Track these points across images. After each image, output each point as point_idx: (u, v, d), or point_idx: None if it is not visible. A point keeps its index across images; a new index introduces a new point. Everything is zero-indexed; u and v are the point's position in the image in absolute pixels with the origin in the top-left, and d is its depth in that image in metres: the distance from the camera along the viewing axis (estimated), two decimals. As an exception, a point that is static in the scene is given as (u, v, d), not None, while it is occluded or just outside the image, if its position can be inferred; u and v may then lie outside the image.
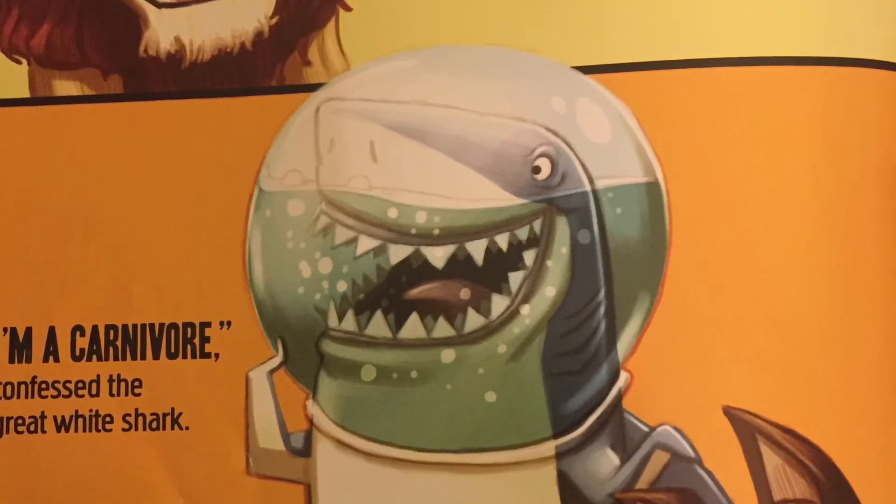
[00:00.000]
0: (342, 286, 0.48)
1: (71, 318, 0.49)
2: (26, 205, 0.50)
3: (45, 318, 0.49)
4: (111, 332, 0.49)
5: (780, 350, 0.47)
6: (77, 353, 0.49)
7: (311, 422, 0.48)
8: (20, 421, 0.48)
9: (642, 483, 0.46)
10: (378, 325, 0.48)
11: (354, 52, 0.50)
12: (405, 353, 0.48)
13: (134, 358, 0.48)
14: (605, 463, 0.47)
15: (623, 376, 0.47)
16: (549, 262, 0.48)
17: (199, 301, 0.48)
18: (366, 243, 0.48)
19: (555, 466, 0.47)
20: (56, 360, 0.49)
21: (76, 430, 0.48)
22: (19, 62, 0.51)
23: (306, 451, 0.48)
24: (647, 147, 0.48)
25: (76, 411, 0.48)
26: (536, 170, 0.48)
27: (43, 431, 0.48)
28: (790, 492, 0.46)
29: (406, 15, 0.50)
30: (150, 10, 0.51)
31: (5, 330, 0.49)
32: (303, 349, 0.48)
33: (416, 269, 0.48)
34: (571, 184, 0.48)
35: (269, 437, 0.48)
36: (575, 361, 0.47)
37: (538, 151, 0.48)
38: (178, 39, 0.50)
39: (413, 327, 0.47)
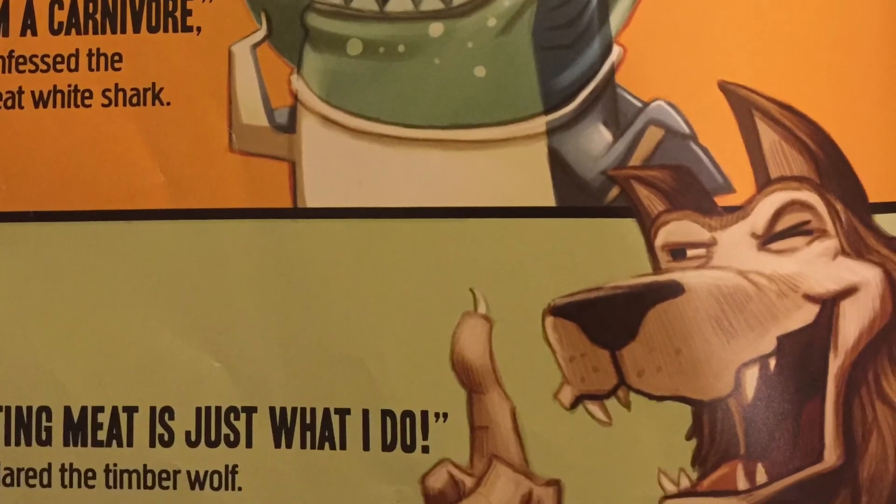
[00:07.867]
0: (328, -44, 0.47)
1: (49, -10, 0.48)
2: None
3: (22, -11, 0.48)
4: (90, 5, 0.47)
5: (777, 22, 0.45)
6: (55, 26, 0.47)
7: (295, 97, 0.46)
8: (-3, 96, 0.48)
9: (636, 160, 0.45)
10: (364, -2, 0.47)
11: None
12: (392, 26, 0.46)
13: (114, 31, 0.47)
14: (597, 139, 0.46)
15: (616, 50, 0.46)
16: (540, -67, 0.46)
17: (179, -28, 0.47)
18: (351, -84, 0.47)
19: (546, 143, 0.45)
20: (34, 33, 0.47)
21: (54, 106, 0.47)
22: None
23: (291, 127, 0.46)
24: None
25: (54, 86, 0.47)
26: None
27: (20, 107, 0.47)
28: (787, 168, 0.45)
29: None
30: None
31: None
32: (287, 22, 0.46)
33: (403, -60, 0.46)
34: None
35: (252, 112, 0.46)
36: (566, 35, 0.46)
37: None
38: None
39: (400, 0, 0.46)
